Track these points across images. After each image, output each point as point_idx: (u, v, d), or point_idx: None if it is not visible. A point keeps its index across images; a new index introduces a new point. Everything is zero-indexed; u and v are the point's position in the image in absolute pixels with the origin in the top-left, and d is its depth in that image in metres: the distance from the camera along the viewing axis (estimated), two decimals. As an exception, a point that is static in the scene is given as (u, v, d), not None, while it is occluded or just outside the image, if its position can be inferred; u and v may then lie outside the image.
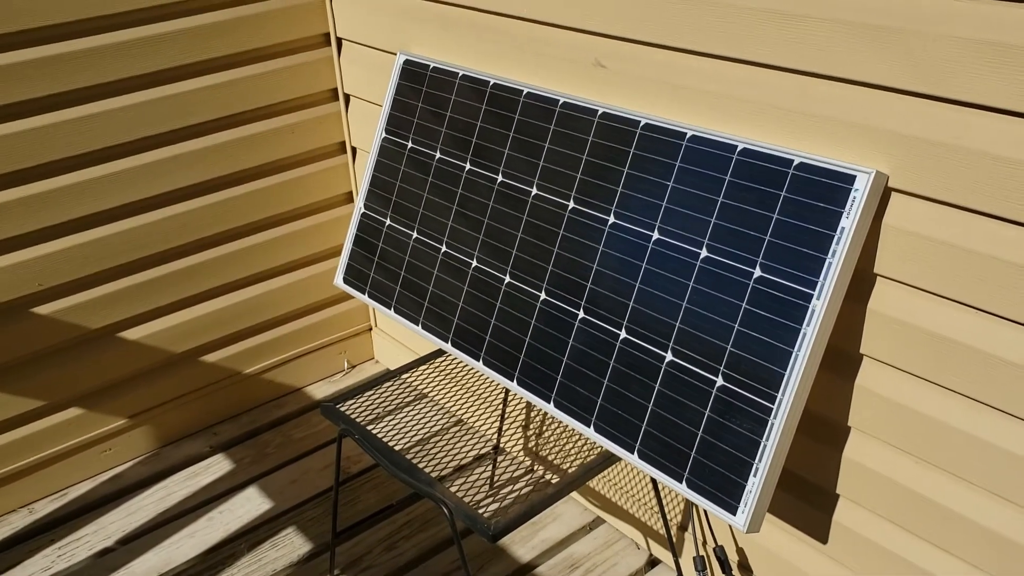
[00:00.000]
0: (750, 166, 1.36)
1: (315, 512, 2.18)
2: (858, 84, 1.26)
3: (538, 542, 2.06)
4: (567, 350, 1.59)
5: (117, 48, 1.99)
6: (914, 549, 1.45)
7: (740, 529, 1.32)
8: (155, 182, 2.15)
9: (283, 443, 2.43)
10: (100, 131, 2.03)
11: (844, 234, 1.25)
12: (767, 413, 1.31)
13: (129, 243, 2.16)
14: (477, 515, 1.40)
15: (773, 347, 1.31)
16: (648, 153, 1.50)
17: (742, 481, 1.33)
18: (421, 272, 1.88)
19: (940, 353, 1.29)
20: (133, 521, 2.17)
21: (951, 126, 1.17)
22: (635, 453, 1.47)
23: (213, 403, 2.49)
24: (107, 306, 2.18)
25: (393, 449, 1.58)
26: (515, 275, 1.69)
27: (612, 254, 1.53)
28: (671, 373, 1.43)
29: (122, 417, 2.32)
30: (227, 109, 2.21)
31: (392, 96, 1.98)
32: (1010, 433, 1.25)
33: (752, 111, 1.40)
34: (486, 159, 1.77)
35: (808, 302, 1.28)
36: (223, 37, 2.14)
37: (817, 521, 1.59)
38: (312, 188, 2.44)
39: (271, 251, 2.42)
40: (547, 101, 1.67)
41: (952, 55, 1.13)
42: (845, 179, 1.25)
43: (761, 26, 1.33)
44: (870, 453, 1.45)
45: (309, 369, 2.66)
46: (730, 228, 1.38)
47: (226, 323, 2.42)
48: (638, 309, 1.49)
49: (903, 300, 1.31)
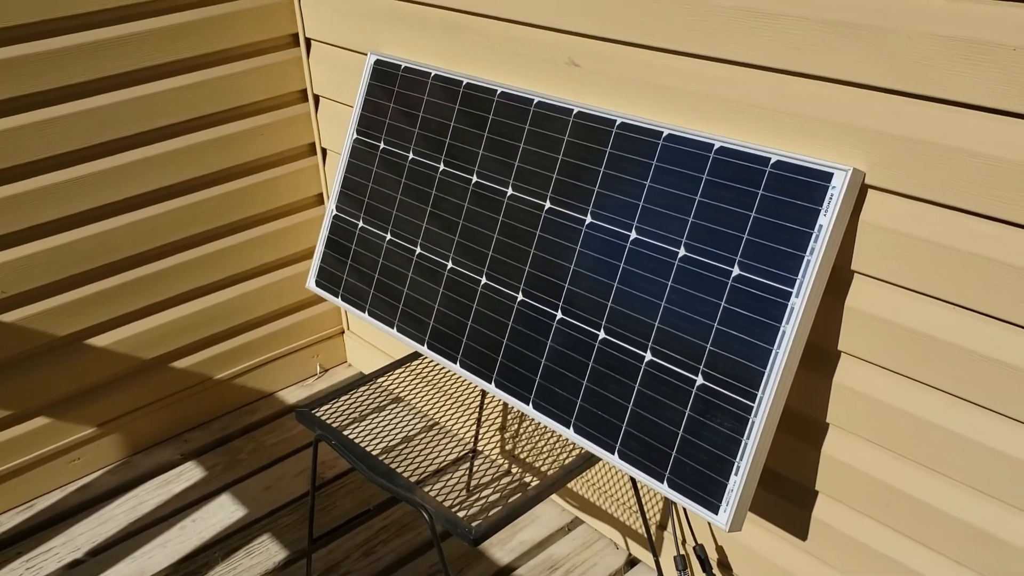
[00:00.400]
0: (727, 165, 1.36)
1: (290, 519, 2.15)
2: (835, 82, 1.26)
3: (516, 544, 2.05)
4: (545, 351, 1.58)
5: (83, 49, 1.95)
6: (894, 545, 1.45)
7: (722, 528, 1.32)
8: (123, 185, 2.11)
9: (256, 449, 2.39)
10: (66, 134, 1.99)
11: (822, 231, 1.25)
12: (748, 411, 1.31)
13: (96, 248, 2.12)
14: (458, 519, 1.39)
15: (753, 345, 1.31)
16: (624, 152, 1.49)
17: (724, 480, 1.32)
18: (395, 274, 1.86)
19: (918, 349, 1.30)
20: (104, 531, 2.13)
21: (928, 123, 1.18)
22: (615, 454, 1.46)
23: (183, 410, 2.45)
24: (74, 312, 2.13)
25: (371, 454, 1.56)
26: (492, 276, 1.68)
27: (589, 254, 1.53)
28: (651, 373, 1.43)
29: (91, 426, 2.28)
30: (195, 111, 2.18)
31: (363, 96, 1.96)
32: (988, 428, 1.26)
33: (730, 110, 1.40)
34: (460, 159, 1.76)
35: (787, 300, 1.28)
36: (190, 38, 2.11)
37: (796, 518, 1.59)
38: (282, 190, 2.41)
39: (240, 255, 2.39)
40: (521, 101, 1.66)
41: (929, 53, 1.14)
42: (822, 177, 1.26)
43: (738, 25, 1.33)
44: (849, 449, 1.46)
45: (281, 374, 2.63)
46: (708, 227, 1.37)
47: (196, 328, 2.38)
48: (616, 309, 1.48)
49: (880, 297, 1.32)
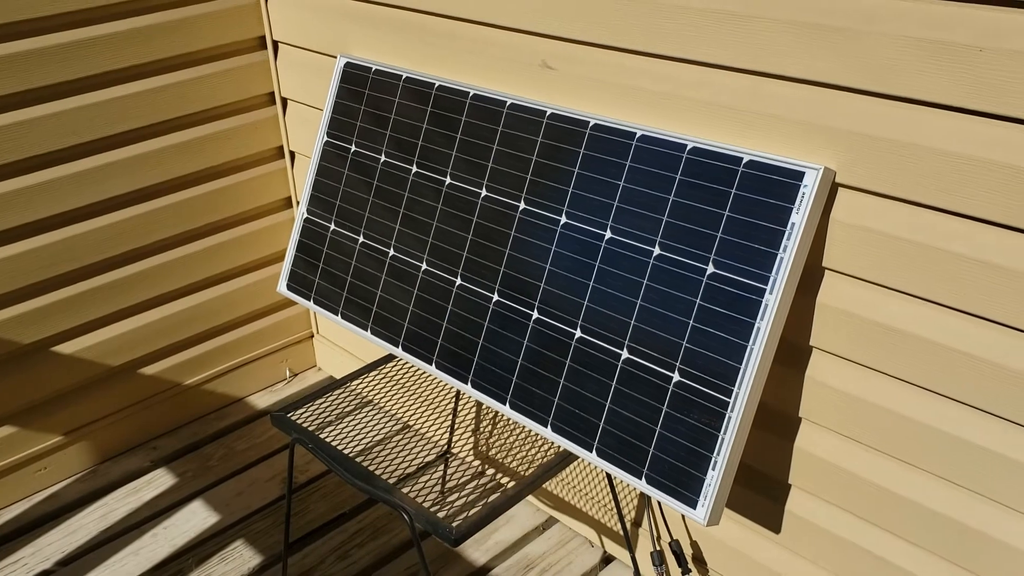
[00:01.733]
0: (700, 164, 1.38)
1: (263, 524, 2.14)
2: (806, 83, 1.29)
3: (492, 544, 2.05)
4: (522, 351, 1.59)
5: (44, 53, 1.92)
6: (866, 536, 1.49)
7: (700, 523, 1.34)
8: (86, 191, 2.08)
9: (226, 455, 2.38)
10: (27, 139, 1.96)
11: (794, 229, 1.28)
12: (724, 407, 1.33)
13: (61, 254, 2.09)
14: (438, 520, 1.39)
15: (728, 342, 1.33)
16: (598, 153, 1.51)
17: (701, 475, 1.34)
18: (368, 277, 1.86)
19: (888, 343, 1.33)
20: (73, 541, 2.10)
21: (896, 123, 1.21)
22: (594, 451, 1.47)
23: (152, 416, 2.42)
24: (38, 320, 2.10)
25: (348, 456, 1.56)
26: (466, 277, 1.68)
27: (565, 254, 1.54)
28: (627, 371, 1.44)
29: (57, 434, 2.25)
30: (161, 115, 2.16)
31: (333, 99, 1.96)
32: (957, 419, 1.29)
33: (702, 110, 1.43)
34: (433, 162, 1.76)
35: (761, 297, 1.30)
36: (156, 41, 2.09)
37: (770, 511, 1.62)
38: (250, 194, 2.39)
39: (208, 259, 2.37)
40: (494, 103, 1.66)
41: (896, 53, 1.17)
42: (794, 175, 1.28)
43: (710, 26, 1.35)
44: (821, 443, 1.48)
45: (250, 379, 2.61)
46: (682, 226, 1.39)
47: (163, 334, 2.36)
48: (592, 308, 1.49)
49: (851, 292, 1.35)
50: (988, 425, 1.26)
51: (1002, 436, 1.25)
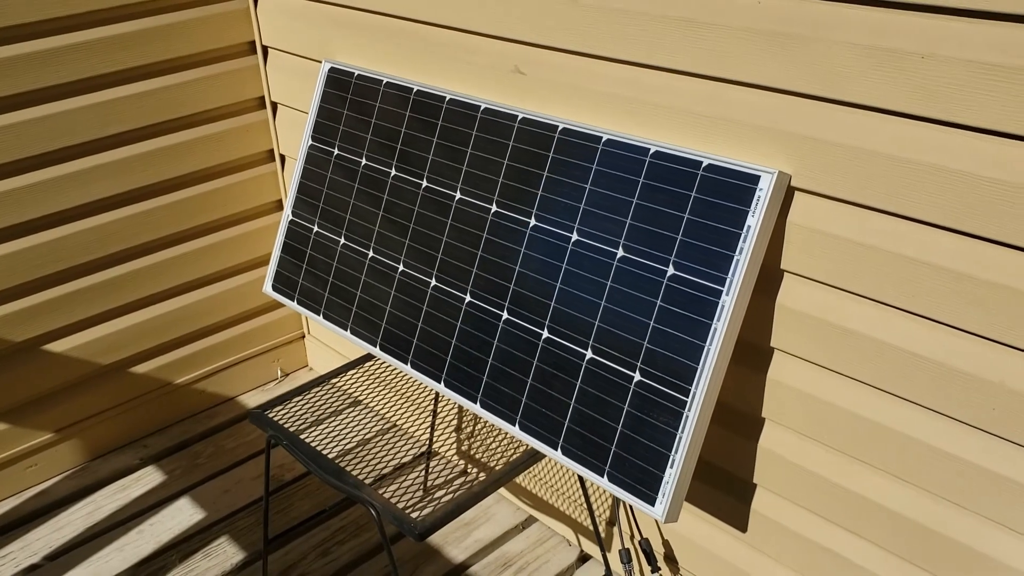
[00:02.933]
0: (662, 168, 1.41)
1: (248, 521, 2.17)
2: (763, 88, 1.31)
3: (471, 542, 2.08)
4: (492, 351, 1.62)
5: (35, 57, 1.97)
6: (829, 535, 1.50)
7: (659, 519, 1.36)
8: (75, 192, 2.12)
9: (215, 453, 2.41)
10: (17, 141, 2.00)
11: (750, 232, 1.30)
12: (682, 406, 1.35)
13: (51, 254, 2.13)
14: (404, 515, 1.42)
15: (686, 342, 1.35)
16: (566, 157, 1.54)
17: (660, 473, 1.37)
18: (349, 278, 1.89)
19: (843, 344, 1.35)
20: (61, 536, 2.14)
21: (846, 128, 1.23)
22: (559, 450, 1.50)
23: (143, 415, 2.46)
24: (29, 319, 2.15)
25: (321, 454, 1.59)
26: (441, 278, 1.72)
27: (534, 256, 1.57)
28: (591, 370, 1.47)
29: (48, 431, 2.29)
30: (152, 118, 2.20)
31: (318, 104, 1.99)
32: (910, 419, 1.31)
33: (665, 115, 1.45)
34: (411, 165, 1.79)
35: (718, 298, 1.33)
36: (146, 45, 2.13)
37: (736, 511, 1.64)
38: (241, 196, 2.43)
39: (200, 260, 2.41)
40: (469, 107, 1.70)
41: (846, 60, 1.19)
42: (750, 179, 1.31)
43: (672, 33, 1.38)
44: (783, 443, 1.51)
45: (242, 378, 2.65)
46: (644, 228, 1.42)
47: (155, 334, 2.40)
48: (559, 309, 1.52)
49: (808, 294, 1.37)
50: (938, 425, 1.28)
51: (952, 436, 1.27)
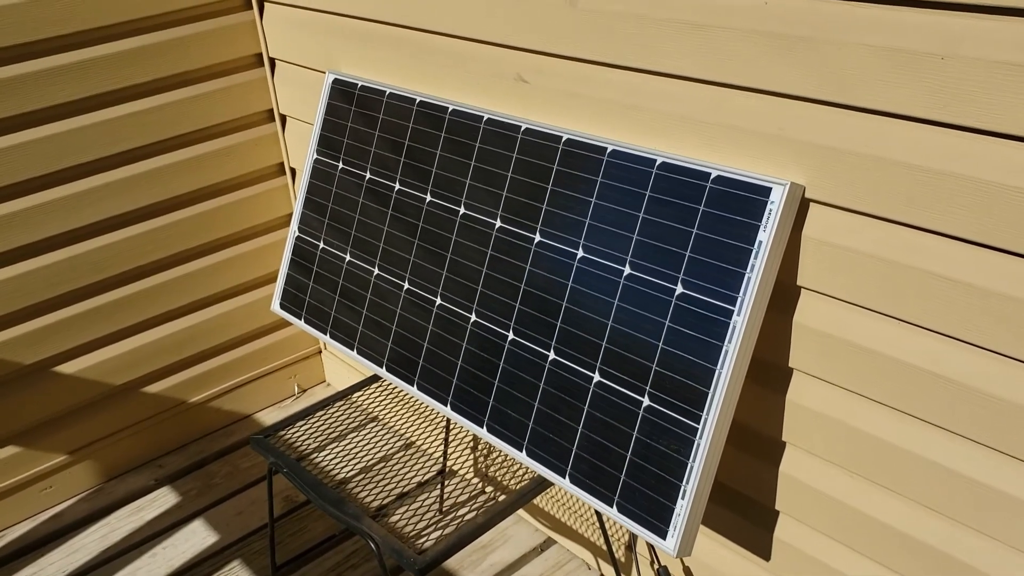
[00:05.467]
0: (669, 180, 1.33)
1: (261, 544, 2.13)
2: (772, 94, 1.23)
3: (487, 566, 2.01)
4: (498, 373, 1.55)
5: (43, 75, 1.94)
6: (853, 564, 1.42)
7: (670, 553, 1.28)
8: (85, 211, 2.10)
9: (230, 473, 2.37)
10: (26, 161, 1.97)
11: (762, 248, 1.22)
12: (693, 433, 1.27)
13: (62, 274, 2.10)
14: (403, 548, 1.36)
15: (696, 365, 1.28)
16: (571, 169, 1.47)
17: (671, 504, 1.29)
18: (355, 296, 1.84)
19: (864, 365, 1.26)
20: (74, 560, 2.11)
21: (861, 135, 1.14)
22: (567, 477, 1.43)
23: (158, 434, 2.43)
24: (40, 340, 2.12)
25: (321, 482, 1.53)
26: (446, 297, 1.65)
27: (539, 273, 1.50)
28: (599, 394, 1.40)
29: (62, 453, 2.27)
30: (161, 133, 2.16)
31: (323, 116, 1.94)
32: (936, 445, 1.22)
33: (669, 123, 1.37)
34: (414, 179, 1.73)
35: (729, 318, 1.24)
36: (152, 60, 2.09)
37: (759, 538, 1.55)
38: (253, 210, 2.39)
39: (213, 276, 2.38)
40: (472, 118, 1.63)
41: (858, 63, 1.11)
42: (761, 191, 1.22)
43: (675, 37, 1.30)
44: (805, 467, 1.42)
45: (258, 395, 2.61)
46: (652, 244, 1.34)
47: (170, 352, 2.36)
48: (565, 329, 1.45)
49: (826, 312, 1.29)
50: (961, 450, 1.19)
51: (978, 463, 1.18)
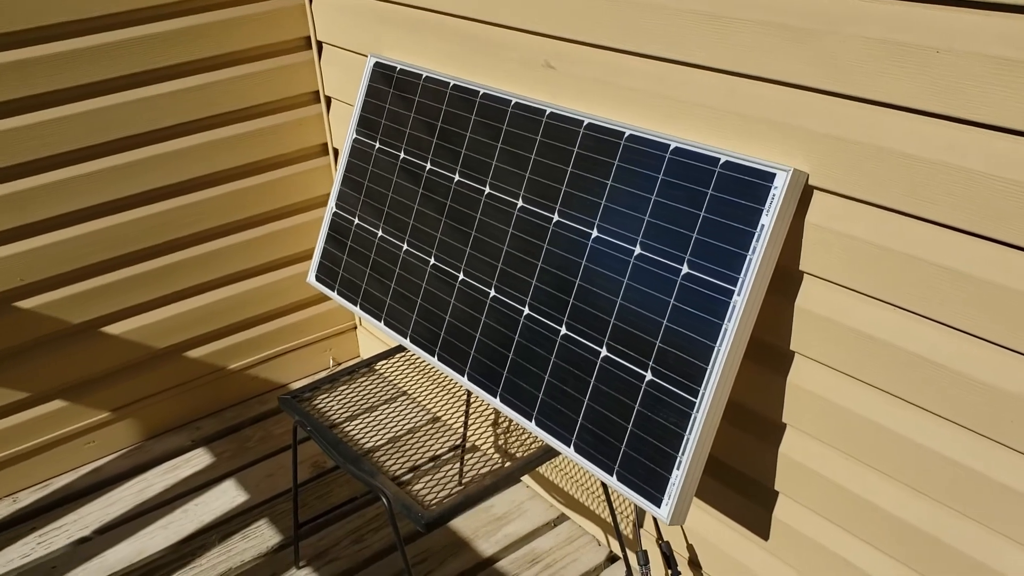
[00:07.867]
0: (681, 164, 1.38)
1: (287, 505, 2.22)
2: (781, 84, 1.28)
3: (501, 536, 2.08)
4: (512, 346, 1.61)
5: (95, 51, 2.05)
6: (847, 546, 1.46)
7: (664, 521, 1.34)
8: (132, 181, 2.20)
9: (264, 437, 2.47)
10: (77, 131, 2.08)
11: (764, 231, 1.27)
12: (690, 407, 1.33)
13: (110, 240, 2.21)
14: (412, 504, 1.43)
15: (697, 342, 1.33)
16: (590, 152, 1.52)
17: (666, 473, 1.35)
18: (385, 270, 1.92)
19: (861, 349, 1.30)
20: (111, 512, 2.23)
21: (862, 125, 1.19)
22: (571, 446, 1.49)
23: (196, 398, 2.54)
24: (87, 301, 2.24)
25: (342, 441, 1.61)
26: (469, 273, 1.72)
27: (555, 252, 1.56)
28: (605, 368, 1.45)
29: (105, 410, 2.38)
30: (210, 110, 2.26)
31: (363, 98, 2.02)
32: (931, 431, 1.26)
33: (686, 110, 1.43)
34: (445, 159, 1.80)
35: (729, 298, 1.30)
36: (204, 40, 2.19)
37: (759, 517, 1.60)
38: (295, 188, 2.49)
39: (254, 250, 2.48)
40: (500, 102, 1.70)
41: (860, 55, 1.15)
42: (765, 177, 1.27)
43: (692, 27, 1.35)
44: (803, 449, 1.46)
45: (294, 367, 2.71)
46: (662, 226, 1.40)
47: (210, 320, 2.47)
48: (578, 306, 1.51)
49: (827, 297, 1.33)
50: (952, 436, 1.23)
51: (970, 449, 1.22)
